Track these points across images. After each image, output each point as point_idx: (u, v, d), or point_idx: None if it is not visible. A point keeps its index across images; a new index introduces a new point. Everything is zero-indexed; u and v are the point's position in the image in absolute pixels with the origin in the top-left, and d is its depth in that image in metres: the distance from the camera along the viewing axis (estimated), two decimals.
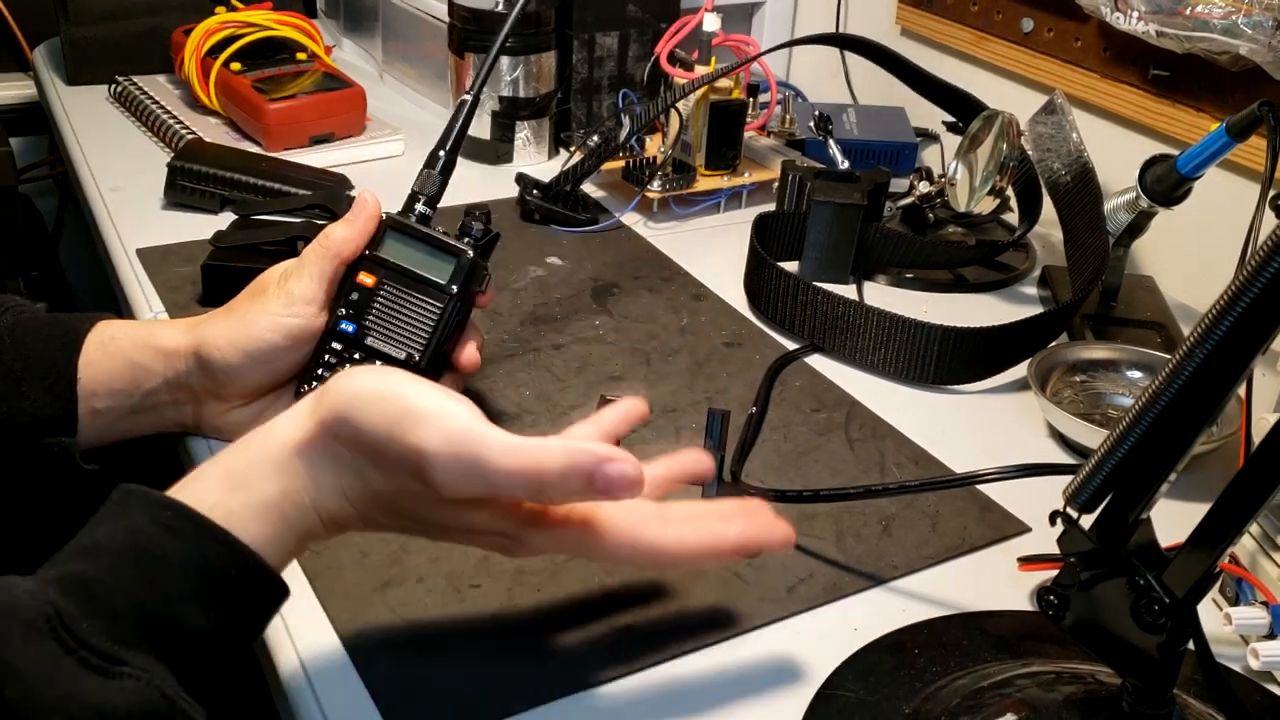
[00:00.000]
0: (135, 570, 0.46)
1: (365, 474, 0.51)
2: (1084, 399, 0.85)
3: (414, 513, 0.52)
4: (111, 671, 0.43)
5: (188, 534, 0.47)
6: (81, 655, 0.43)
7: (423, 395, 0.50)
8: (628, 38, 1.22)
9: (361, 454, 0.50)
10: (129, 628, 0.45)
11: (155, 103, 1.22)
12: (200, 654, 0.47)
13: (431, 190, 0.71)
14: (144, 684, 0.44)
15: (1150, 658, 0.49)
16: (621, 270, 0.99)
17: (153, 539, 0.47)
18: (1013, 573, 0.67)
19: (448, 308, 0.68)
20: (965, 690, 0.57)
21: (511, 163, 1.19)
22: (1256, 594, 0.63)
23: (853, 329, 0.87)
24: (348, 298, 0.68)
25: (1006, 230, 1.10)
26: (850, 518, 0.71)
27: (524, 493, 0.50)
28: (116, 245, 0.97)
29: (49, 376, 0.67)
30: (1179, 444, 0.48)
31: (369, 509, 0.52)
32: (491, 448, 0.49)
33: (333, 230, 0.68)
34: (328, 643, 0.59)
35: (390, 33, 1.37)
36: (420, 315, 0.68)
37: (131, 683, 0.43)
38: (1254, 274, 0.43)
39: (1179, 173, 0.88)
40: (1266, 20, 0.85)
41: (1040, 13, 1.12)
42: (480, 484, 0.49)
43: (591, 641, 0.60)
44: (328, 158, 1.15)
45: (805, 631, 0.62)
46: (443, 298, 0.68)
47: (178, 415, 0.70)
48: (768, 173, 1.14)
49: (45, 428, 0.67)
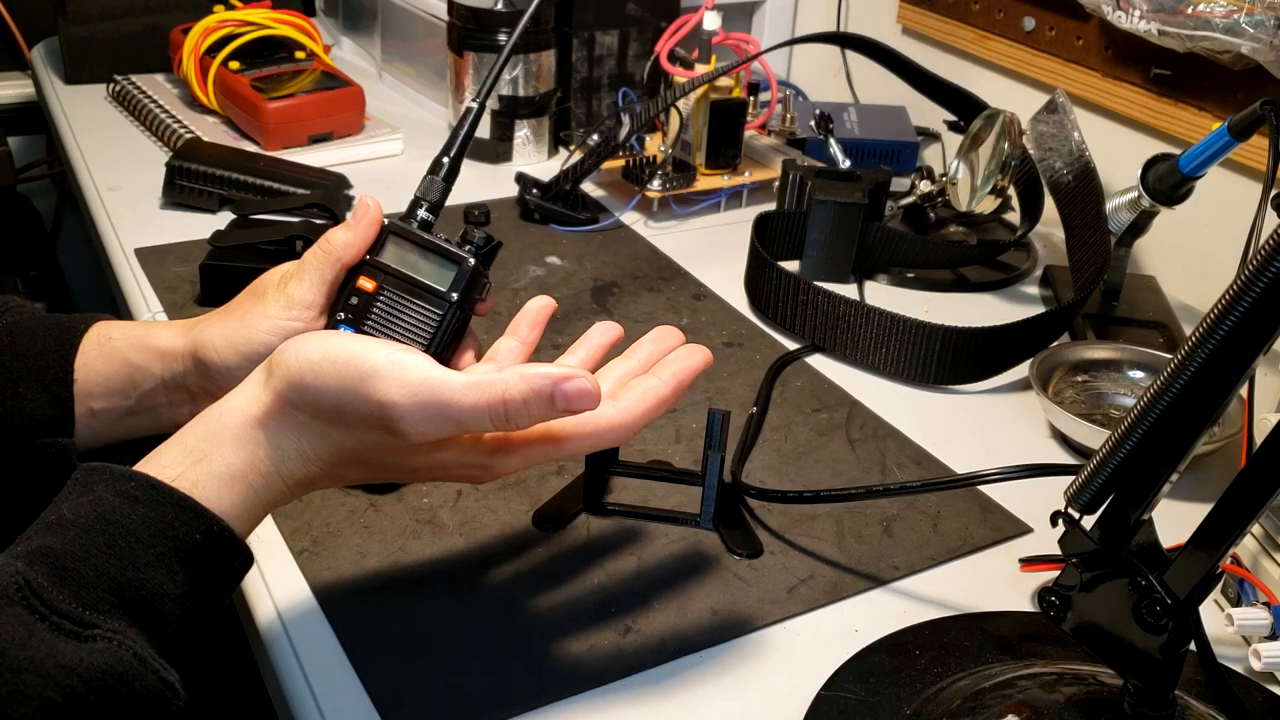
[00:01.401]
0: (103, 540, 0.47)
1: (329, 436, 0.53)
2: (1086, 399, 0.84)
3: (382, 462, 0.54)
4: (83, 635, 0.44)
5: (152, 502, 0.49)
6: (53, 620, 0.44)
7: (374, 352, 0.52)
8: (628, 36, 1.22)
9: (322, 418, 0.53)
10: (99, 595, 0.46)
11: (154, 102, 1.22)
12: (171, 620, 0.48)
13: (434, 197, 0.70)
14: (116, 645, 0.45)
15: (1152, 659, 0.49)
16: (621, 270, 0.99)
17: (117, 509, 0.48)
18: (1014, 574, 0.67)
19: (447, 315, 0.68)
20: (966, 691, 0.56)
21: (511, 162, 1.19)
22: (1258, 595, 0.63)
23: (853, 329, 0.87)
24: (347, 302, 0.68)
25: (1008, 229, 1.10)
26: (851, 518, 0.70)
27: (491, 425, 0.52)
28: (115, 245, 0.97)
29: (46, 377, 0.66)
30: (1181, 444, 0.48)
31: (335, 467, 0.54)
32: (454, 390, 0.51)
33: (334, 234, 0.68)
34: (327, 643, 0.59)
35: (389, 31, 1.37)
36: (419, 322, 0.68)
37: (103, 644, 0.44)
38: (1256, 273, 0.43)
39: (1181, 172, 0.87)
40: (1268, 19, 0.85)
41: (1042, 11, 1.12)
42: (449, 425, 0.52)
43: (591, 642, 0.60)
44: (326, 157, 1.15)
45: (806, 632, 0.62)
46: (442, 305, 0.68)
47: (175, 416, 0.70)
48: (768, 172, 1.14)
49: (42, 428, 0.67)
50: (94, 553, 0.47)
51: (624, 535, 0.67)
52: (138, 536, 0.47)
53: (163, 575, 0.48)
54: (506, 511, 0.69)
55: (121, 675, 0.44)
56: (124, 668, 0.44)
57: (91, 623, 0.45)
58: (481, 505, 0.69)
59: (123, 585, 0.46)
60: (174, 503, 0.49)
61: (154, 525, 0.48)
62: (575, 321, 0.90)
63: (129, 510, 0.48)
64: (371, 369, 0.51)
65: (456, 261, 0.69)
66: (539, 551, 0.66)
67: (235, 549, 0.51)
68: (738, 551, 0.67)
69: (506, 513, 0.69)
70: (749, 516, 0.70)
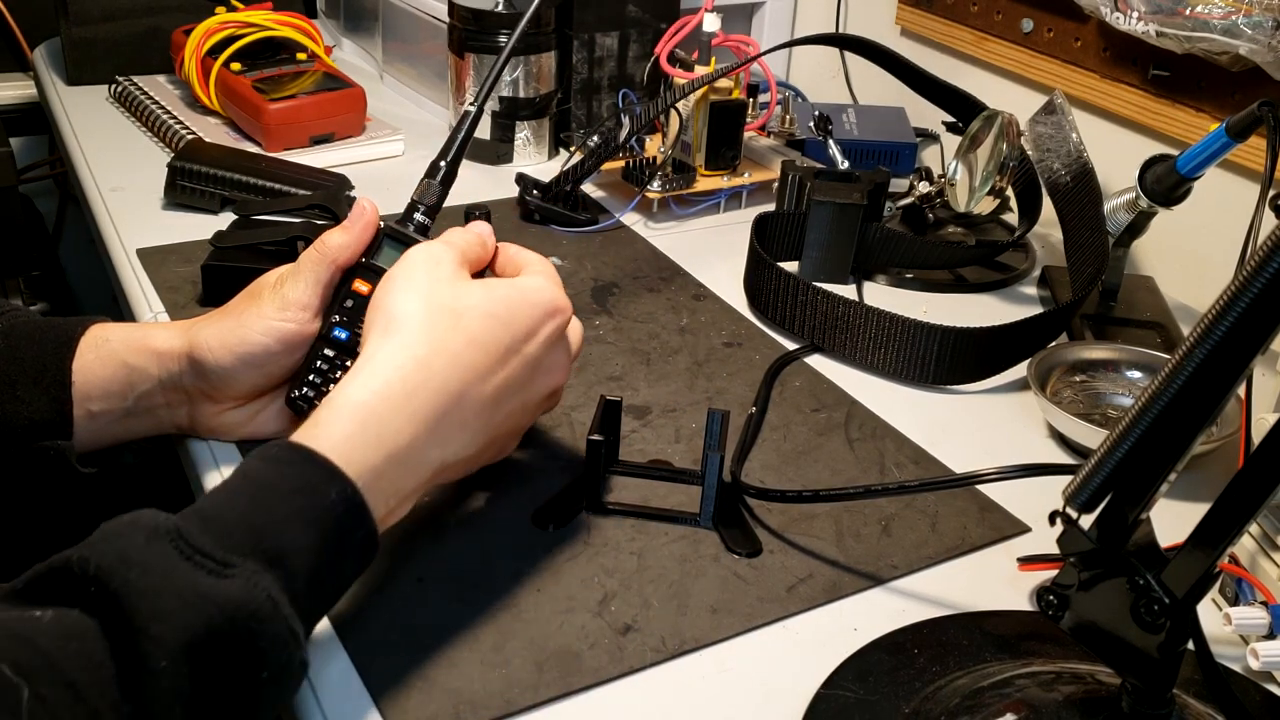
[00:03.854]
0: (245, 496, 0.51)
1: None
2: (1084, 399, 0.85)
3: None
4: (223, 573, 0.47)
5: (293, 460, 0.53)
6: (197, 560, 0.47)
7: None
8: (628, 38, 1.22)
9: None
10: (239, 539, 0.48)
11: (155, 103, 1.22)
12: (301, 575, 0.50)
13: (431, 200, 0.71)
14: (252, 584, 0.47)
15: (1150, 658, 0.49)
16: (621, 270, 0.99)
17: (261, 470, 0.52)
18: (1012, 573, 0.67)
19: None
20: (965, 690, 0.57)
21: (511, 163, 1.19)
22: (1256, 594, 0.63)
23: (853, 329, 0.87)
24: (342, 304, 0.68)
25: (1006, 230, 1.10)
26: (850, 518, 0.70)
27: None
28: (116, 245, 0.97)
29: (44, 380, 0.66)
30: (1179, 444, 0.48)
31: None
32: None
33: (330, 237, 0.68)
34: (328, 642, 0.59)
35: (390, 33, 1.37)
36: None
37: (240, 580, 0.47)
38: (1254, 274, 0.43)
39: (1179, 173, 0.88)
40: (1266, 20, 0.85)
41: (1040, 13, 1.12)
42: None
43: (591, 642, 0.60)
44: (327, 158, 1.15)
45: (805, 631, 0.62)
46: None
47: (173, 417, 0.70)
48: (768, 173, 1.14)
49: (41, 431, 0.67)
50: (238, 504, 0.50)
51: (624, 535, 0.68)
52: (278, 490, 0.51)
53: (297, 529, 0.50)
54: (506, 511, 0.69)
55: (254, 612, 0.46)
56: (256, 605, 0.46)
57: (230, 562, 0.47)
58: (482, 504, 0.69)
59: (261, 532, 0.49)
60: (312, 461, 0.52)
61: (293, 481, 0.52)
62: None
63: (271, 469, 0.52)
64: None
65: None
66: (539, 551, 0.66)
67: (362, 520, 0.53)
68: (737, 551, 0.67)
69: (506, 512, 0.69)
70: (748, 516, 0.70)
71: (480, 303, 0.61)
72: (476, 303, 0.61)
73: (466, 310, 0.60)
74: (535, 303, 0.63)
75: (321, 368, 0.68)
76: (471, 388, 0.59)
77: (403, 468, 0.56)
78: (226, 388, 0.68)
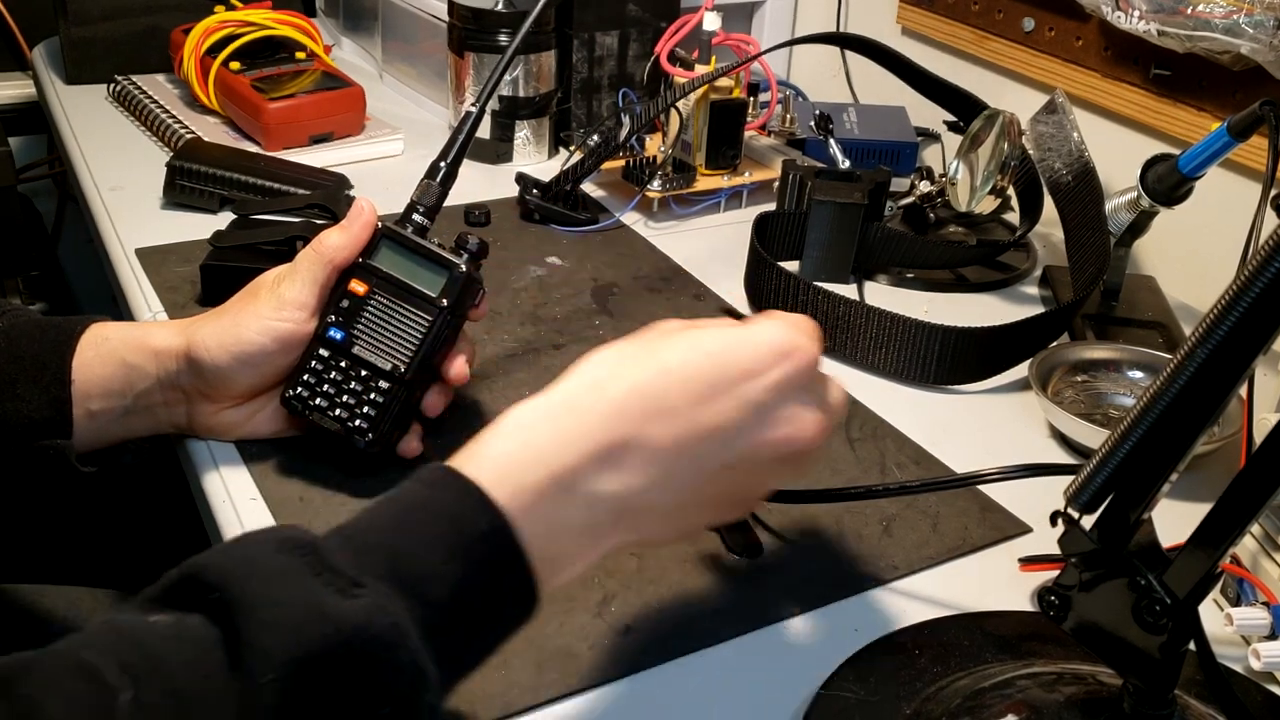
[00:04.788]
0: (390, 516, 0.48)
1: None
2: (1085, 399, 0.84)
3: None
4: (350, 592, 0.43)
5: (443, 484, 0.48)
6: (326, 577, 0.43)
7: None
8: (628, 37, 1.22)
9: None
10: (375, 560, 0.45)
11: (154, 102, 1.22)
12: (437, 606, 0.46)
13: (430, 201, 0.70)
14: (378, 607, 0.43)
15: (1151, 658, 0.49)
16: (622, 270, 0.99)
17: (410, 491, 0.49)
18: (1014, 573, 0.67)
19: (437, 321, 0.68)
20: (966, 691, 0.56)
21: (511, 162, 1.19)
22: (1258, 594, 0.63)
23: (853, 329, 0.87)
24: (338, 305, 0.68)
25: (1007, 230, 1.10)
26: (851, 518, 0.70)
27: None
28: (115, 245, 0.97)
29: (43, 379, 0.66)
30: (1180, 444, 0.48)
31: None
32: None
33: (327, 236, 0.68)
34: None
35: (390, 32, 1.37)
36: (408, 327, 0.68)
37: (367, 601, 0.43)
38: (1255, 274, 0.43)
39: (1180, 172, 0.88)
40: (1268, 20, 0.85)
41: (1041, 12, 1.12)
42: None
43: (591, 642, 0.60)
44: (327, 157, 1.15)
45: (805, 631, 0.62)
46: (432, 310, 0.68)
47: (171, 416, 0.70)
48: (768, 172, 1.14)
49: (40, 430, 0.67)
50: (379, 525, 0.47)
51: None
52: (424, 512, 0.47)
53: (438, 556, 0.46)
54: None
55: (375, 637, 0.42)
56: (378, 630, 0.43)
57: (361, 582, 0.44)
58: None
59: (398, 554, 0.46)
60: (462, 488, 0.48)
61: (439, 505, 0.48)
62: (575, 321, 0.90)
63: (420, 491, 0.48)
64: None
65: (448, 267, 0.68)
66: None
67: (515, 557, 0.48)
68: (737, 551, 0.67)
69: None
70: (749, 516, 0.70)
71: (688, 335, 0.54)
72: (683, 335, 0.54)
73: (667, 341, 0.53)
74: (760, 341, 0.53)
75: (316, 368, 0.67)
76: (656, 418, 0.51)
77: (566, 494, 0.49)
78: (223, 387, 0.68)
